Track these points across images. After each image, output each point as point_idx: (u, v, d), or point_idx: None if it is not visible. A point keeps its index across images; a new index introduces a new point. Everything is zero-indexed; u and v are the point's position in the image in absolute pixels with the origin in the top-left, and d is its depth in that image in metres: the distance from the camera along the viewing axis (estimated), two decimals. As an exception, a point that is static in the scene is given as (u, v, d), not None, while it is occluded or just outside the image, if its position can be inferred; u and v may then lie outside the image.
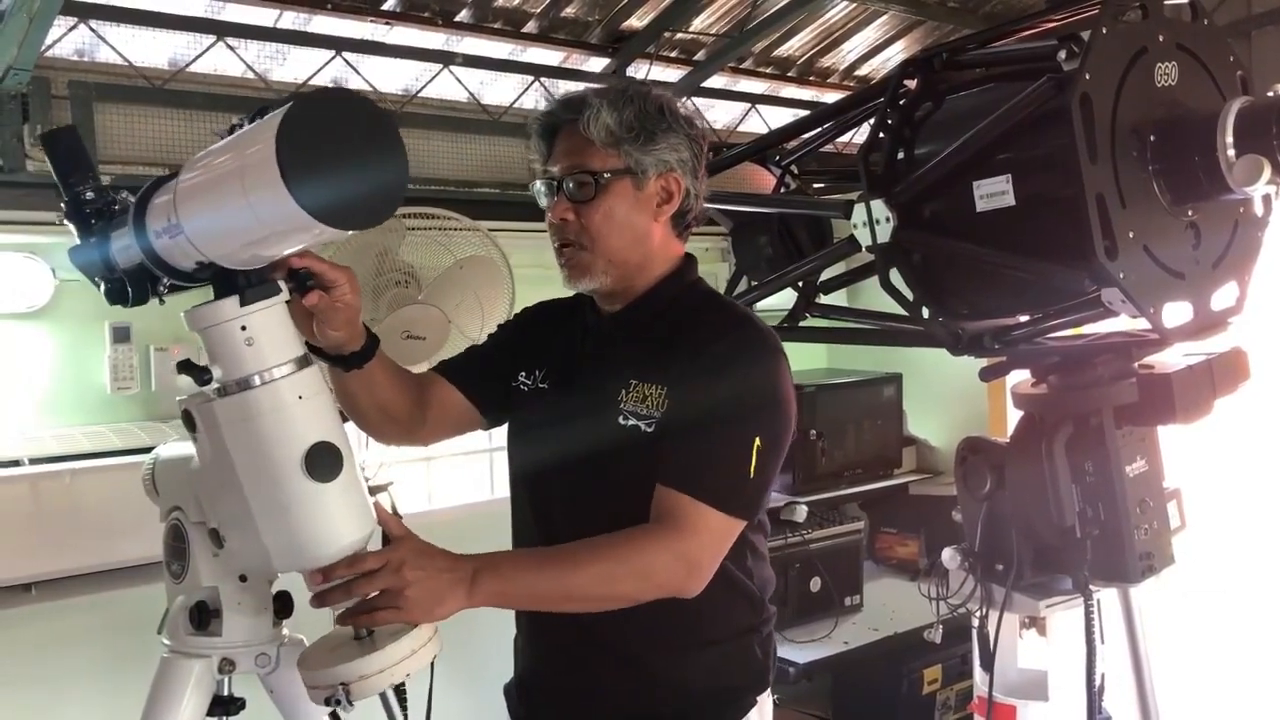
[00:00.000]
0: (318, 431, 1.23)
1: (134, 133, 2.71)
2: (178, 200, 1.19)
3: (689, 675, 1.60)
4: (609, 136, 1.55)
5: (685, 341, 1.56)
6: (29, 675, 2.61)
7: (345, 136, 1.12)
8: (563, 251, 1.62)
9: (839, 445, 3.69)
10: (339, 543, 1.25)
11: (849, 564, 3.29)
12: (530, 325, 1.78)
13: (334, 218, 1.10)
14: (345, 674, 1.23)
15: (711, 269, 3.98)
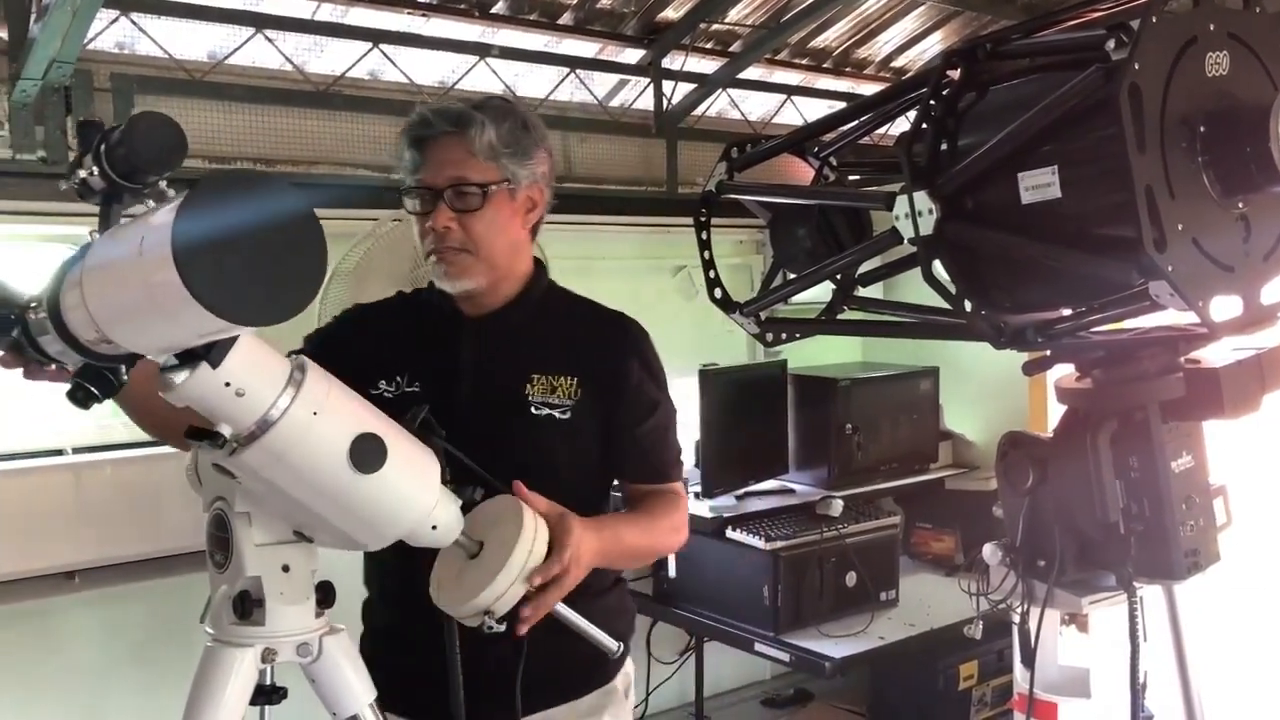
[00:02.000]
0: (349, 429, 1.23)
1: (175, 124, 2.72)
2: (96, 319, 1.12)
3: (596, 621, 1.69)
4: (490, 151, 1.68)
5: (587, 336, 1.80)
6: (72, 663, 2.65)
7: (253, 226, 1.04)
8: (444, 254, 1.71)
9: (874, 440, 3.67)
10: (423, 505, 1.29)
11: (885, 559, 3.27)
12: (357, 334, 1.82)
13: (251, 319, 1.05)
14: (487, 600, 1.32)
15: (745, 261, 3.97)
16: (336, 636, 1.42)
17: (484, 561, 1.36)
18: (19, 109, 2.46)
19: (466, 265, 1.72)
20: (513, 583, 1.34)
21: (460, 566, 1.38)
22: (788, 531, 3.11)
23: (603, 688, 1.85)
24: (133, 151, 1.24)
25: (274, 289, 1.04)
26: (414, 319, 1.83)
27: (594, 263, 3.59)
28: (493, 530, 1.39)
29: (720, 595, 3.21)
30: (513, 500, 1.42)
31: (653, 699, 3.73)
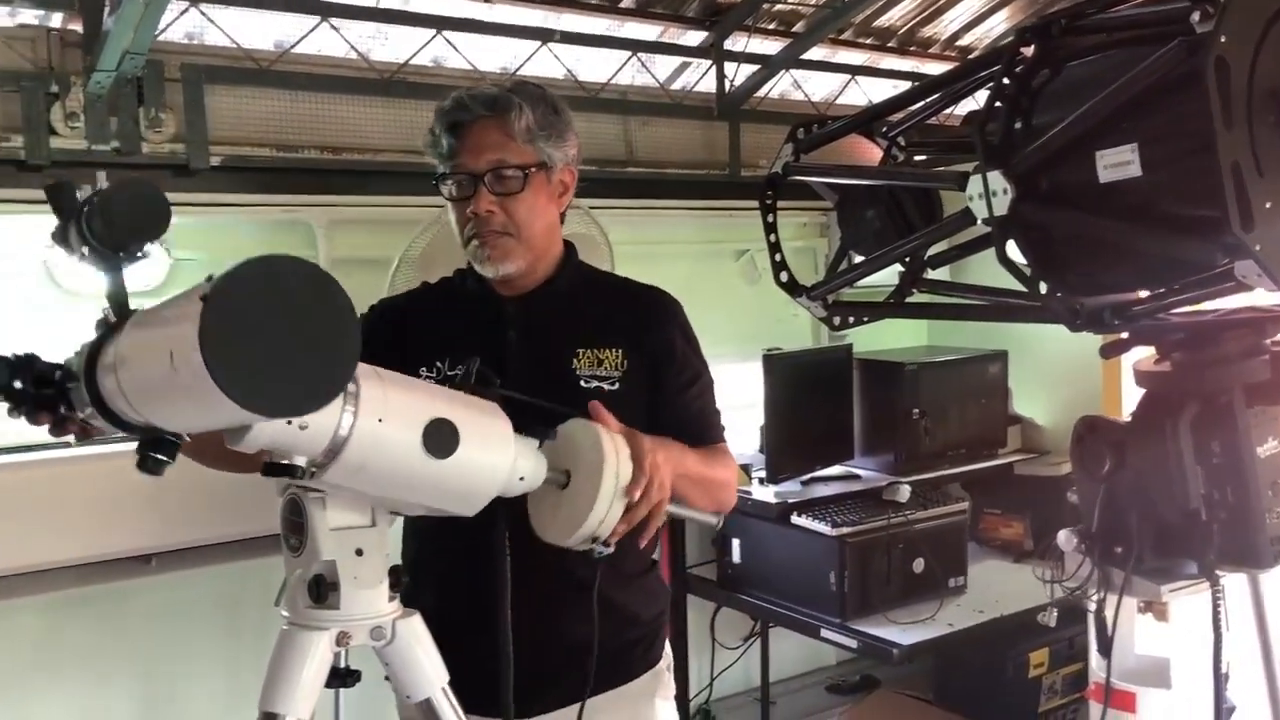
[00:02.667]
0: (418, 420, 1.23)
1: (242, 113, 2.77)
2: (138, 409, 1.14)
3: (635, 603, 1.82)
4: (528, 134, 1.71)
5: (627, 309, 1.83)
6: (149, 645, 2.71)
7: (280, 319, 1.01)
8: (486, 238, 1.73)
9: (942, 424, 3.63)
10: (505, 464, 1.31)
11: (953, 545, 3.23)
12: (389, 328, 1.83)
13: (293, 411, 1.06)
14: (592, 526, 1.35)
15: (809, 245, 3.94)
16: (409, 620, 1.43)
17: (577, 489, 1.38)
18: (94, 101, 2.51)
19: (509, 249, 1.74)
20: (611, 503, 1.36)
21: (554, 500, 1.40)
22: (854, 517, 3.09)
23: (651, 670, 1.87)
24: (110, 225, 1.25)
25: (312, 379, 1.04)
26: (448, 305, 1.86)
27: (655, 247, 3.59)
28: (575, 457, 1.40)
29: (785, 581, 3.20)
30: (584, 423, 1.42)
31: (717, 684, 3.74)
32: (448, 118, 1.73)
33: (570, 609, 1.73)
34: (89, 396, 1.19)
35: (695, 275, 3.72)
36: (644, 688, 1.86)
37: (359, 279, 2.74)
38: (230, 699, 2.78)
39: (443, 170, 1.76)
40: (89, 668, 2.64)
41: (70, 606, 2.56)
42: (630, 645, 1.84)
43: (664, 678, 1.90)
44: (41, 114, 2.46)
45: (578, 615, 1.71)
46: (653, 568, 1.94)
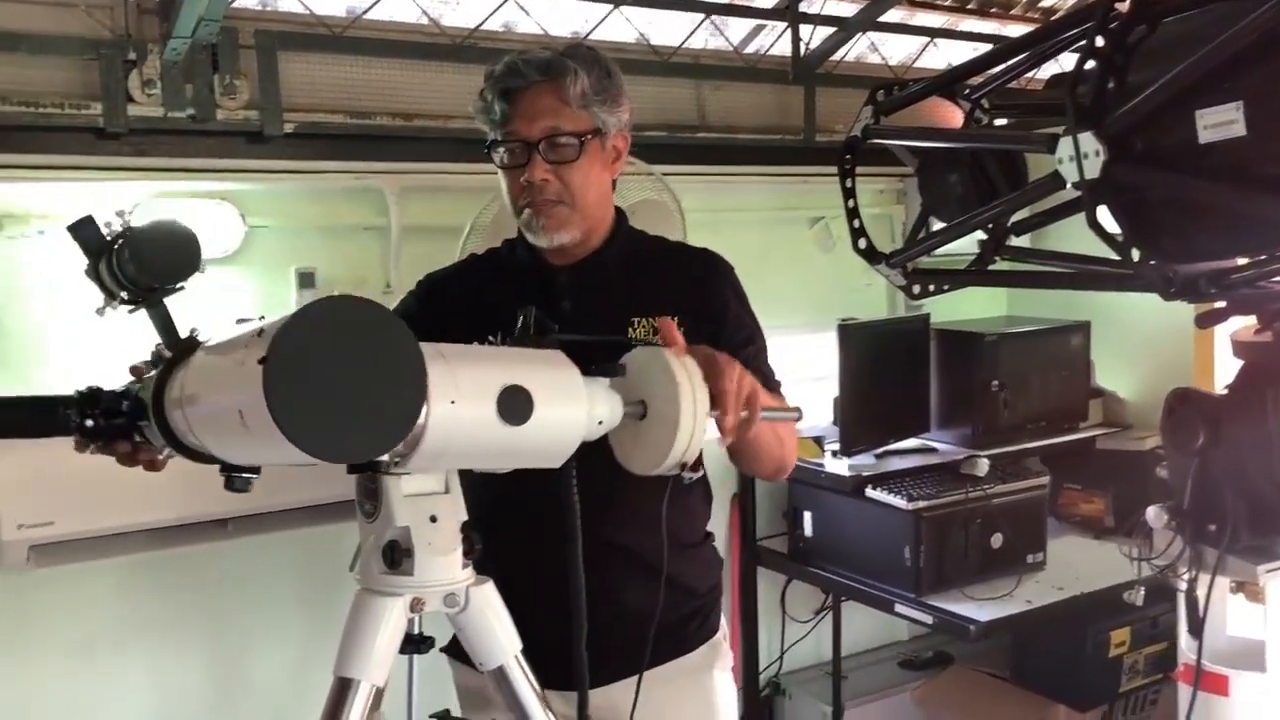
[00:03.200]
0: (490, 395, 1.22)
1: (315, 80, 2.78)
2: (210, 449, 1.19)
3: (692, 575, 1.82)
4: (583, 99, 1.68)
5: (680, 274, 1.80)
6: (224, 608, 2.76)
7: (342, 364, 1.01)
8: (540, 207, 1.70)
9: (1021, 397, 3.55)
10: (582, 413, 1.29)
11: (1032, 520, 3.17)
12: (440, 304, 1.82)
13: (355, 457, 1.08)
14: (679, 452, 1.32)
15: (885, 211, 3.88)
16: (483, 587, 1.43)
17: (655, 417, 1.36)
18: (170, 68, 2.54)
19: (564, 218, 1.72)
20: (693, 425, 1.33)
21: (634, 431, 1.38)
22: (930, 491, 3.04)
23: (709, 641, 1.87)
24: (142, 267, 1.25)
25: (384, 419, 1.04)
26: (499, 277, 1.84)
27: (727, 215, 3.55)
28: (648, 386, 1.38)
29: (858, 555, 3.17)
30: (651, 350, 1.40)
31: (787, 658, 3.73)
32: (500, 83, 1.70)
33: (627, 580, 1.73)
34: (162, 435, 1.24)
35: (768, 243, 3.68)
36: (702, 659, 1.85)
37: (429, 246, 2.77)
38: (302, 665, 2.83)
39: (494, 137, 1.73)
40: (162, 631, 2.70)
41: (146, 570, 2.62)
42: (688, 617, 1.83)
43: (721, 649, 1.90)
44: (119, 81, 2.50)
45: (634, 587, 1.72)
46: (707, 539, 1.93)
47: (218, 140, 2.65)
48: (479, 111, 1.75)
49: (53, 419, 1.29)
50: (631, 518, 1.75)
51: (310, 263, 2.79)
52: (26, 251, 2.48)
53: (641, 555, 1.74)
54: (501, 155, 1.73)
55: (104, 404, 1.30)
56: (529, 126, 1.69)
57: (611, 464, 1.42)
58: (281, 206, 2.79)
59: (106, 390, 1.32)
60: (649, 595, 1.69)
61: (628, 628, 1.68)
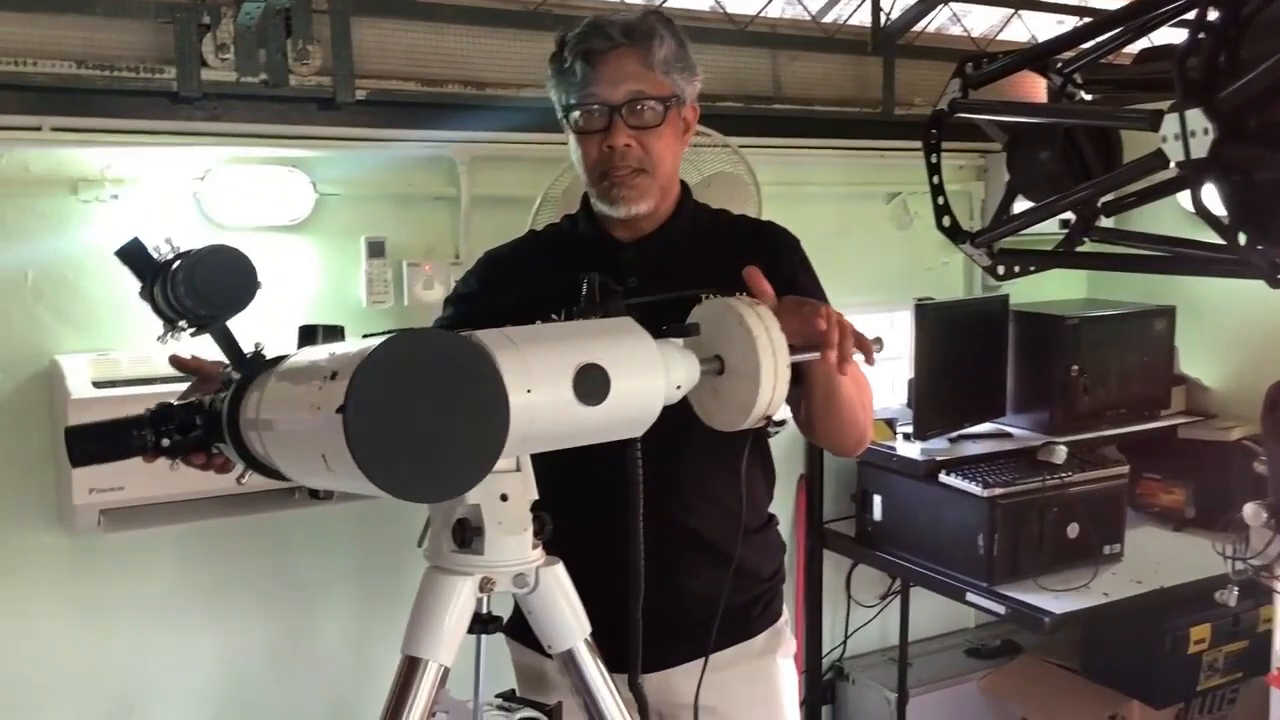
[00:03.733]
0: (565, 377, 1.20)
1: (387, 46, 2.76)
2: (289, 475, 1.20)
3: (754, 559, 1.78)
4: (665, 65, 1.64)
5: (748, 247, 1.72)
6: (290, 576, 2.79)
7: (424, 402, 0.99)
8: (618, 177, 1.66)
9: (1101, 383, 3.46)
10: (660, 380, 1.26)
11: (1110, 510, 3.09)
12: (501, 283, 1.78)
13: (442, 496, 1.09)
14: (763, 406, 1.30)
15: (965, 188, 3.78)
16: (553, 568, 1.41)
17: (734, 371, 1.33)
18: (244, 32, 2.53)
19: (644, 187, 1.68)
20: (777, 375, 1.30)
21: (713, 386, 1.36)
22: (1006, 478, 2.98)
23: (772, 627, 1.83)
24: (197, 297, 1.23)
25: (469, 454, 1.03)
26: (560, 253, 1.78)
27: (800, 189, 3.48)
28: (722, 340, 1.35)
29: (929, 541, 3.11)
30: (722, 303, 1.37)
31: (851, 642, 3.68)
32: (582, 44, 1.65)
33: (689, 562, 1.71)
34: (238, 453, 1.24)
35: (843, 219, 3.61)
36: (765, 645, 1.82)
37: (500, 217, 2.76)
38: (363, 633, 2.85)
39: (570, 101, 1.68)
40: (227, 596, 2.73)
41: (213, 535, 2.64)
42: (750, 602, 1.80)
43: (784, 635, 1.87)
44: (194, 46, 2.49)
45: (696, 569, 1.71)
46: (770, 522, 1.90)
47: (289, 106, 2.64)
48: (554, 74, 1.71)
49: (127, 441, 1.29)
50: (697, 498, 1.73)
51: (380, 231, 2.78)
52: (101, 215, 2.50)
53: (705, 536, 1.73)
54: (578, 119, 1.68)
55: (178, 420, 1.30)
56: (612, 90, 1.64)
57: (676, 441, 1.39)
58: (352, 174, 2.78)
59: (177, 404, 1.32)
60: (712, 578, 1.67)
61: (689, 611, 1.66)
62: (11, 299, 2.44)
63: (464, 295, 1.83)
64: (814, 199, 3.55)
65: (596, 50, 1.65)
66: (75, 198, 2.47)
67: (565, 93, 1.69)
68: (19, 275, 2.44)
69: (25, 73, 2.36)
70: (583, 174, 1.73)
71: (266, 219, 2.66)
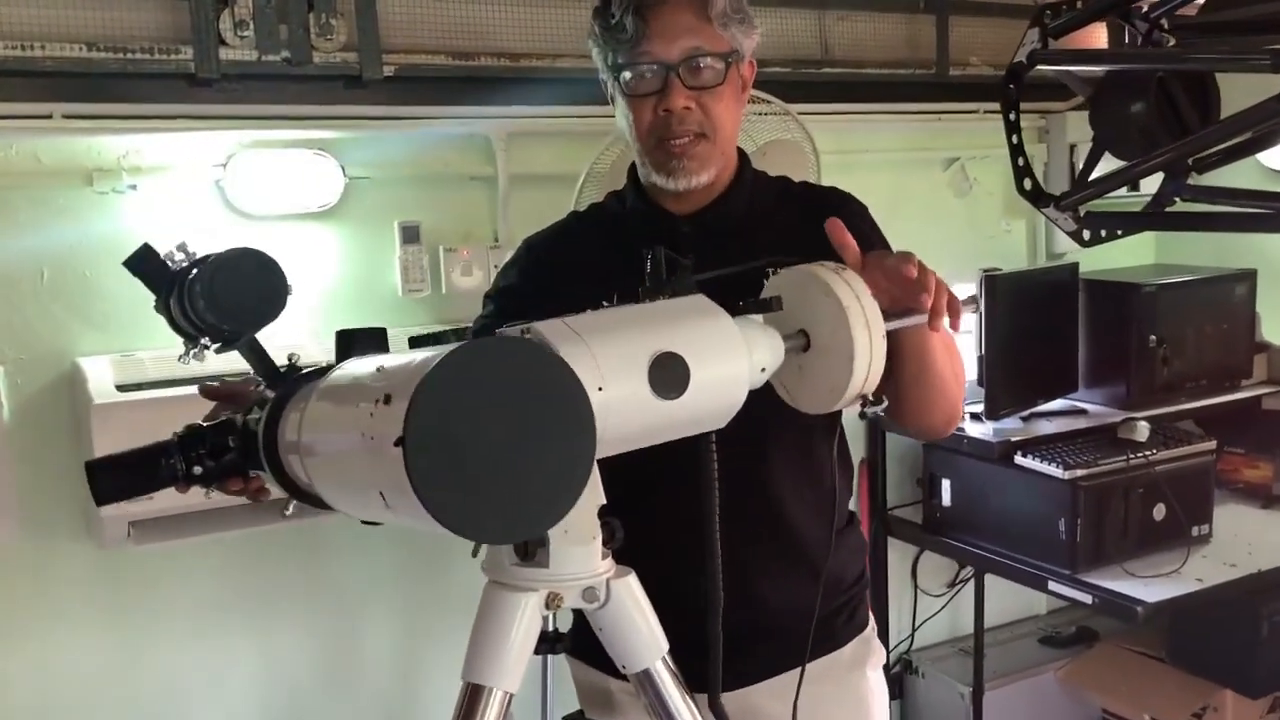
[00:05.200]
0: (639, 370, 1.08)
1: (416, 19, 2.64)
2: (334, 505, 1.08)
3: (838, 564, 1.63)
4: (724, 17, 1.49)
5: (813, 216, 1.50)
6: (330, 585, 2.69)
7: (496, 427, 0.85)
8: (678, 147, 1.52)
9: (1179, 354, 3.30)
10: (742, 363, 1.15)
11: (1198, 489, 2.94)
12: (545, 272, 1.64)
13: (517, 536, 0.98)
14: (857, 386, 1.18)
15: (1027, 150, 3.59)
16: (625, 580, 1.29)
17: (823, 347, 1.21)
18: (263, 7, 2.41)
19: (706, 155, 1.53)
20: (872, 349, 1.18)
21: (798, 364, 1.23)
22: (1087, 458, 2.83)
23: (859, 636, 1.71)
24: (217, 310, 1.11)
25: (554, 486, 0.90)
26: (609, 232, 1.65)
27: (854, 156, 3.34)
28: (807, 312, 1.23)
29: (1004, 527, 2.98)
30: (804, 271, 1.25)
31: (919, 634, 3.55)
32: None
33: (769, 569, 1.59)
34: (278, 481, 1.13)
35: (899, 187, 3.46)
36: (853, 656, 1.69)
37: (540, 196, 2.64)
38: (409, 649, 2.75)
39: (619, 60, 1.53)
40: (266, 606, 2.64)
41: (249, 544, 2.55)
42: (835, 611, 1.67)
43: (872, 644, 1.74)
44: (211, 23, 2.38)
45: (777, 576, 1.59)
46: (851, 521, 1.76)
47: (314, 85, 2.53)
48: (599, 30, 1.54)
49: (156, 472, 1.18)
50: (777, 495, 1.60)
51: (414, 215, 2.67)
52: (119, 206, 2.39)
53: (787, 539, 1.61)
54: (629, 81, 1.53)
55: (209, 443, 1.18)
56: (667, 47, 1.49)
57: (752, 430, 1.25)
58: (382, 156, 2.66)
59: (208, 425, 1.21)
60: (796, 585, 1.56)
61: (771, 622, 1.56)
62: (27, 298, 2.34)
63: (505, 289, 1.69)
64: (866, 166, 3.40)
65: (649, 3, 1.49)
66: (91, 189, 2.37)
67: (613, 51, 1.54)
68: (34, 273, 2.34)
69: (33, 57, 2.26)
70: (634, 142, 1.58)
71: (294, 206, 2.55)
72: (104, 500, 1.21)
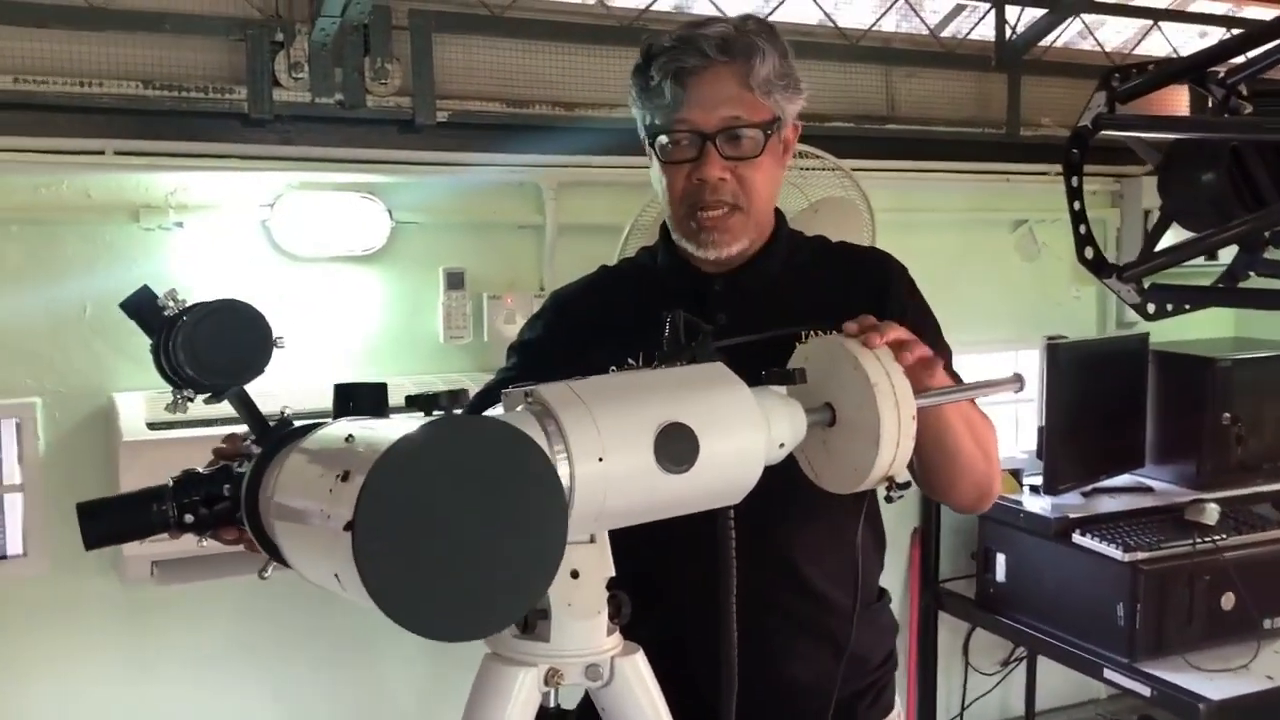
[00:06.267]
0: (644, 441, 1.03)
1: (471, 64, 2.65)
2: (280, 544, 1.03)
3: (863, 642, 1.55)
4: (766, 85, 1.44)
5: (852, 280, 1.55)
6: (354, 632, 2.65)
7: (454, 516, 0.80)
8: (709, 220, 1.47)
9: (1255, 432, 3.16)
10: (759, 438, 1.10)
11: (1271, 578, 2.80)
12: (573, 327, 1.58)
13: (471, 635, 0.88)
14: (884, 464, 1.13)
15: (1100, 215, 3.53)
16: (632, 658, 1.23)
17: (848, 423, 1.15)
18: (318, 50, 2.42)
19: (737, 227, 1.48)
20: (900, 429, 1.12)
21: (822, 439, 1.17)
22: (1150, 539, 2.72)
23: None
24: (198, 364, 1.07)
25: (514, 583, 0.85)
26: (639, 289, 1.60)
27: (916, 215, 3.28)
28: (832, 385, 1.17)
29: (1059, 608, 2.86)
30: (826, 342, 1.20)
31: (968, 713, 3.42)
32: (674, 61, 1.44)
33: (786, 646, 1.51)
34: (256, 539, 1.09)
35: (963, 248, 3.39)
36: None
37: (588, 247, 2.60)
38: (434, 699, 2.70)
39: (656, 123, 1.48)
40: (287, 649, 2.61)
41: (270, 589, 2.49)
42: (859, 694, 1.58)
43: None
44: (266, 64, 2.40)
45: (795, 654, 1.50)
46: (882, 597, 1.67)
47: (366, 129, 2.54)
48: (638, 92, 1.50)
49: (147, 517, 1.15)
50: (801, 570, 1.52)
51: (459, 262, 2.65)
52: (165, 243, 2.41)
53: (809, 616, 1.52)
54: (664, 146, 1.48)
55: (204, 489, 1.15)
56: (706, 116, 1.43)
57: (775, 501, 1.19)
58: (430, 201, 2.66)
59: (203, 472, 1.18)
60: (818, 665, 1.49)
61: (790, 704, 1.49)
62: (70, 333, 2.36)
63: (528, 343, 1.64)
64: (930, 226, 3.34)
65: (689, 69, 1.44)
66: (137, 225, 2.39)
67: (650, 114, 1.49)
68: (78, 308, 2.36)
69: (91, 94, 2.30)
70: (666, 206, 1.54)
71: (339, 248, 2.55)
72: (93, 544, 1.18)
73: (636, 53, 2.55)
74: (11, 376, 2.34)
